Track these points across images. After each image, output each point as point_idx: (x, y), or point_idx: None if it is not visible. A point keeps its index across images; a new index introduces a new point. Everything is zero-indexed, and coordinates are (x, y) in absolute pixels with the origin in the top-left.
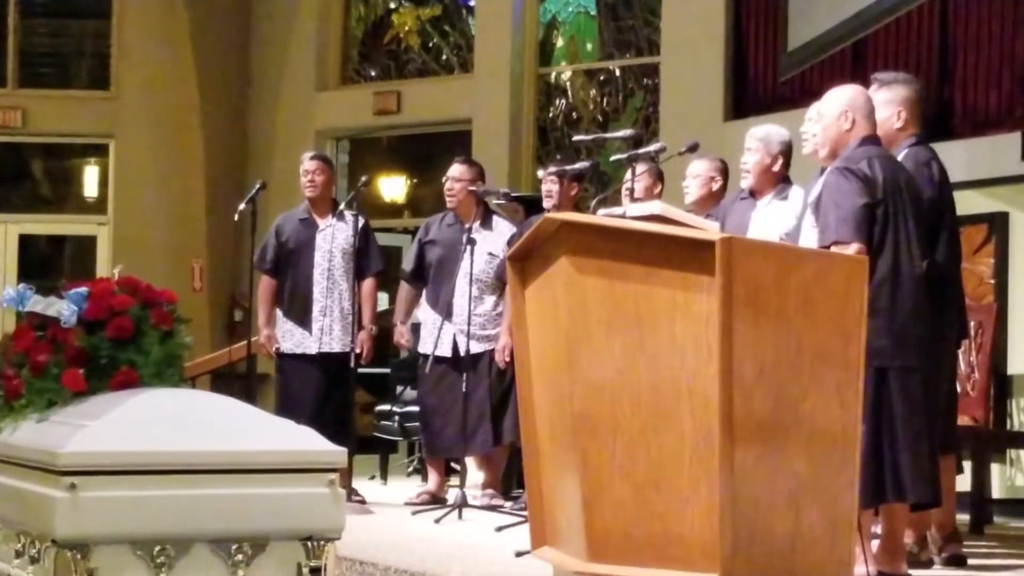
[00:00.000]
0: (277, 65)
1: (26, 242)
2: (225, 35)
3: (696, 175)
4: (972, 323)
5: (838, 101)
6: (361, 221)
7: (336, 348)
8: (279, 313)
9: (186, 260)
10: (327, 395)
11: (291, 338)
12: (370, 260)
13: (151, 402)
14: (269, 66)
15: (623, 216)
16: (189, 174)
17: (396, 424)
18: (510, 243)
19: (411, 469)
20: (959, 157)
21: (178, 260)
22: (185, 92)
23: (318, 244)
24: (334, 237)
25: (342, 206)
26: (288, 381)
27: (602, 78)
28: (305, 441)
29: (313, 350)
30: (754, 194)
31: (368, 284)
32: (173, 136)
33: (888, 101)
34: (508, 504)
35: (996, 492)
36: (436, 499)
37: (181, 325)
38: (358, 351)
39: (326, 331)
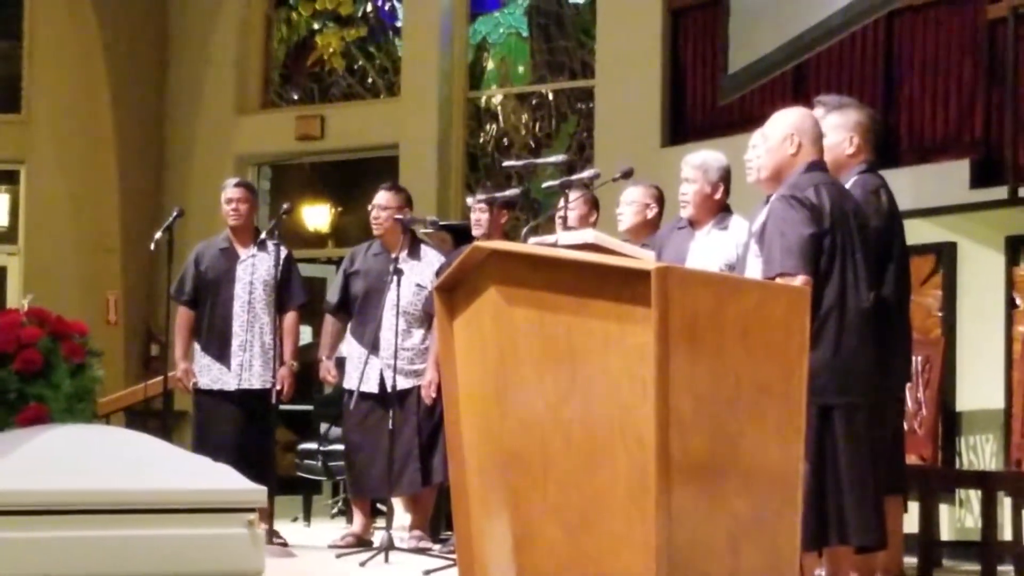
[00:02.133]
0: (195, 88)
1: None
2: (141, 57)
3: (630, 202)
4: (919, 358)
5: (783, 124)
6: (283, 252)
7: (256, 384)
8: (196, 347)
9: (100, 291)
10: (247, 433)
11: (208, 373)
12: (292, 293)
13: (61, 438)
14: (187, 89)
15: (555, 245)
16: (103, 201)
17: (320, 463)
18: (438, 274)
19: (335, 510)
20: (905, 185)
21: (92, 291)
22: (99, 116)
23: (238, 275)
24: (255, 268)
25: (263, 235)
26: (205, 418)
27: (534, 102)
28: (222, 479)
29: (232, 386)
30: (693, 224)
31: (290, 318)
32: (87, 162)
33: (839, 126)
34: (437, 547)
35: (945, 534)
36: (361, 541)
37: (93, 358)
38: (279, 388)
39: (245, 367)
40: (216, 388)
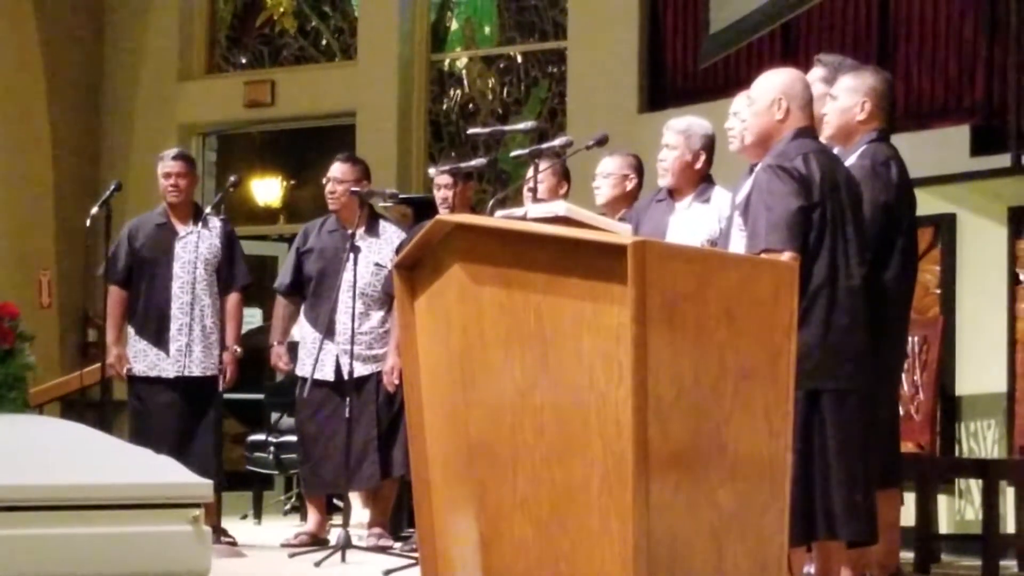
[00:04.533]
0: (134, 51)
1: None
2: (75, 17)
3: (608, 174)
4: (916, 338)
5: (770, 87)
6: (226, 228)
7: (196, 372)
8: (130, 331)
9: (32, 272)
10: (189, 424)
11: (144, 359)
12: (236, 272)
13: None
14: (125, 52)
15: (524, 218)
16: (35, 175)
17: (271, 456)
18: (398, 251)
19: (288, 507)
20: (901, 153)
21: (23, 272)
22: (29, 82)
23: (177, 254)
24: (197, 246)
25: (208, 210)
26: (143, 408)
27: (502, 65)
28: (165, 473)
29: (170, 373)
30: (672, 195)
31: (233, 299)
32: (16, 132)
33: (852, 89)
34: (398, 545)
35: (943, 527)
36: (317, 540)
37: (24, 343)
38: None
39: (184, 352)
40: (153, 375)
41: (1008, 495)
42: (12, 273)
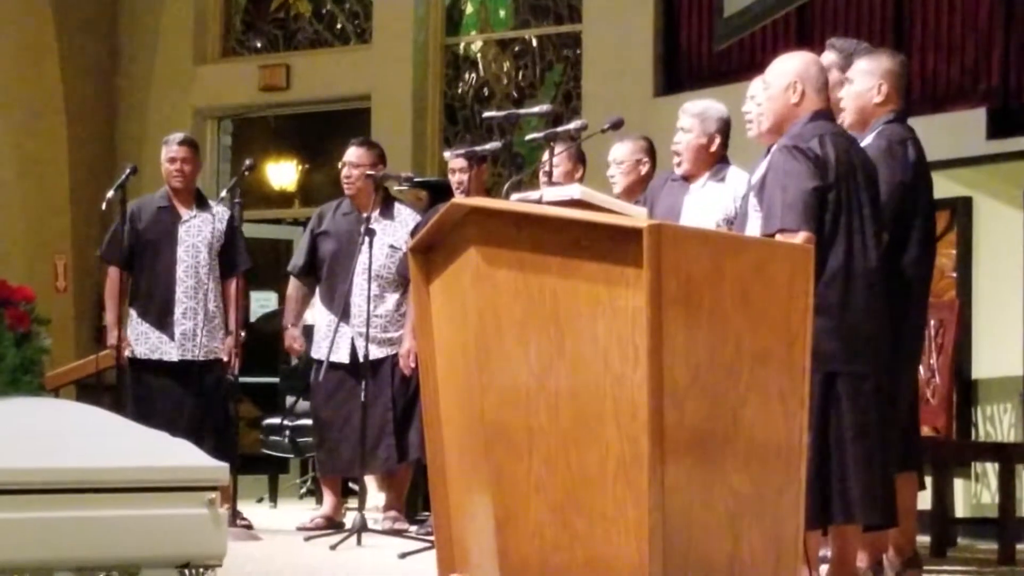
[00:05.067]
0: (150, 36)
1: None
2: (90, 2)
3: (620, 161)
4: (932, 322)
5: (785, 71)
6: (226, 212)
7: (200, 356)
8: (132, 313)
9: (48, 256)
10: (192, 408)
11: (146, 342)
12: (238, 256)
13: (5, 413)
14: (141, 37)
15: (539, 201)
16: (51, 159)
17: (287, 440)
18: (413, 234)
19: (304, 490)
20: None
21: (39, 256)
22: (46, 67)
23: (181, 237)
24: (200, 230)
25: (223, 194)
26: (144, 391)
27: (517, 49)
28: (181, 456)
29: (173, 357)
30: (687, 177)
31: (236, 284)
32: (33, 117)
33: (868, 72)
34: (413, 528)
35: (960, 510)
36: (332, 523)
37: (40, 327)
38: (226, 359)
39: (188, 336)
40: (155, 358)
41: None
42: (28, 257)
